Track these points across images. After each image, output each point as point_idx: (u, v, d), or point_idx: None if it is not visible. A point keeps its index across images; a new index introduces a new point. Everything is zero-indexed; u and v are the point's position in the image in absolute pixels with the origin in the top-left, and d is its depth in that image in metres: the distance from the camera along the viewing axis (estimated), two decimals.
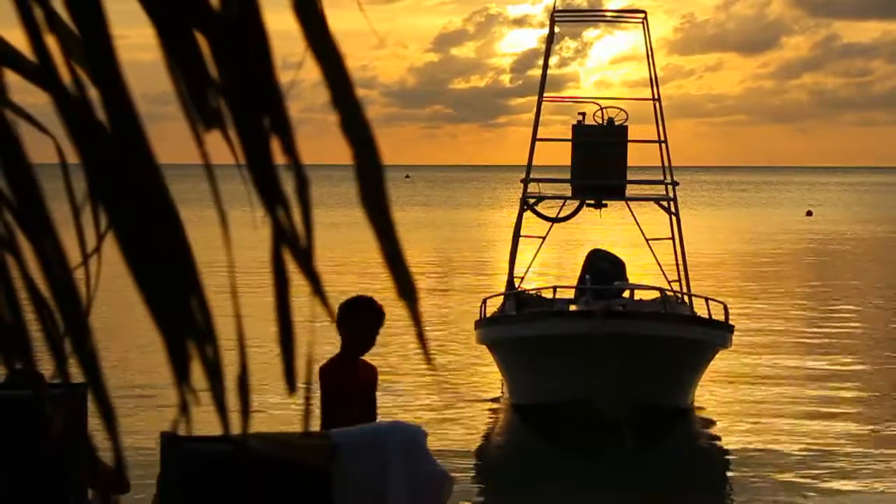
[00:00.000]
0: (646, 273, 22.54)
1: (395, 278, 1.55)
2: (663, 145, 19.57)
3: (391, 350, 22.36)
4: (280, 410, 15.92)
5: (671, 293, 18.28)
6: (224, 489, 7.36)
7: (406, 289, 1.55)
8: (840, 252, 51.38)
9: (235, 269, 1.64)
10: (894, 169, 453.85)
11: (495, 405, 18.19)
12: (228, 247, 1.59)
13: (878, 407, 18.28)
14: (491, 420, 17.38)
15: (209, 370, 1.53)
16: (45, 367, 1.66)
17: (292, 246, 1.53)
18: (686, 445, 16.28)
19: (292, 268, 1.55)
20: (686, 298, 18.68)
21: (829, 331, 26.31)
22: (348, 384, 8.74)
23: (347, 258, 40.00)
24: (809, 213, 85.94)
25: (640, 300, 18.70)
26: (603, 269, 18.59)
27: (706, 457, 15.92)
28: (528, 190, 19.48)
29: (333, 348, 8.72)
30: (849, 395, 19.15)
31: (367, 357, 8.87)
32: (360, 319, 8.66)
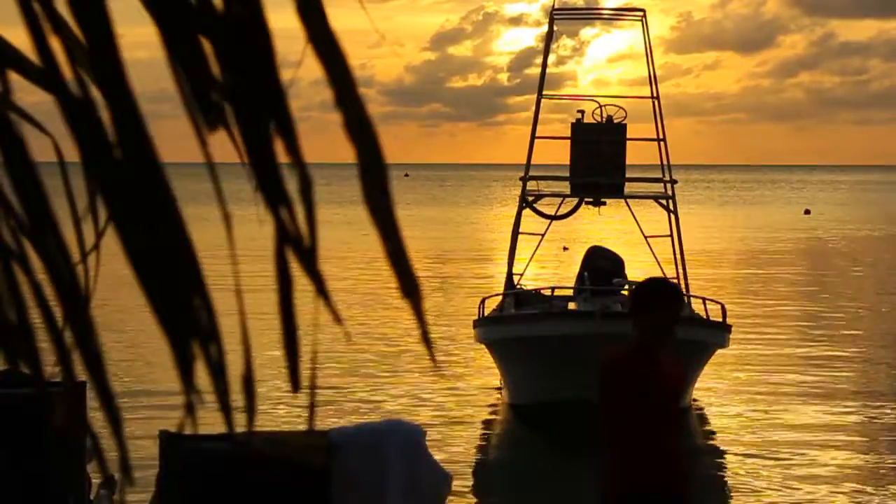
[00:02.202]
0: (644, 271, 22.52)
1: (398, 277, 1.55)
2: (662, 143, 19.56)
3: (390, 349, 22.37)
4: (284, 410, 15.92)
5: None
6: (223, 487, 7.36)
7: (409, 288, 1.55)
8: (838, 251, 51.37)
9: (238, 269, 1.64)
10: (891, 167, 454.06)
11: (494, 404, 18.19)
12: (233, 247, 1.58)
13: (878, 404, 18.28)
14: (490, 419, 17.38)
15: (213, 370, 1.53)
16: (49, 364, 1.66)
17: (296, 246, 1.53)
18: (684, 445, 16.26)
19: (296, 267, 1.55)
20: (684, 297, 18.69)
21: (826, 329, 26.31)
22: (635, 379, 7.30)
23: (338, 255, 40.02)
24: (807, 212, 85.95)
25: None
26: (602, 266, 18.58)
27: (704, 456, 15.91)
28: (528, 188, 19.48)
29: (334, 348, 8.46)
30: (848, 393, 19.15)
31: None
32: (650, 306, 7.35)
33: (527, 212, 19.43)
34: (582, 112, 19.52)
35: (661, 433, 7.34)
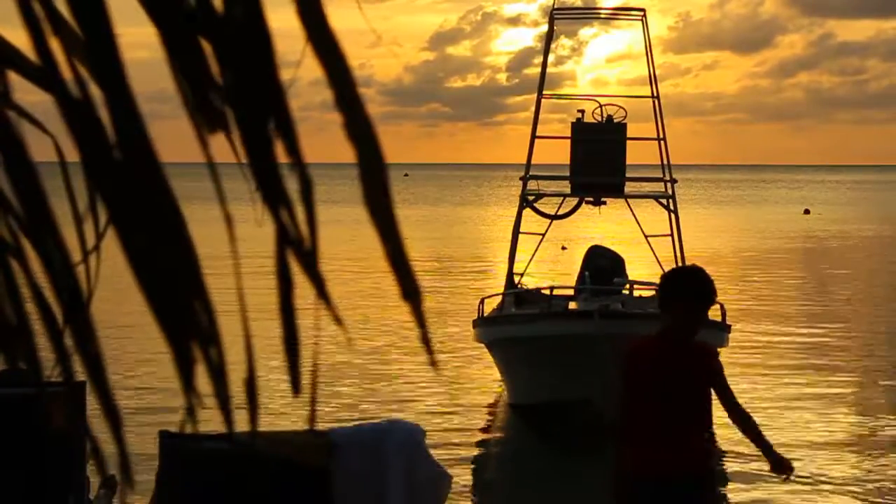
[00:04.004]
0: (645, 270, 22.53)
1: (398, 279, 1.55)
2: (662, 143, 19.55)
3: (390, 348, 22.36)
4: (284, 410, 15.91)
5: None
6: (223, 487, 7.36)
7: (410, 290, 1.55)
8: (838, 250, 51.37)
9: (239, 270, 1.63)
10: (890, 167, 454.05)
11: (493, 404, 18.19)
12: (235, 249, 1.58)
13: (876, 402, 18.29)
14: (489, 419, 17.37)
15: (213, 373, 1.52)
16: (48, 364, 1.65)
17: (296, 248, 1.53)
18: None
19: (297, 269, 1.54)
20: None
21: (825, 329, 26.30)
22: (654, 367, 7.13)
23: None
24: (807, 212, 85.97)
25: (640, 297, 18.70)
26: (602, 265, 18.59)
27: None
28: (528, 187, 19.49)
29: (335, 350, 8.40)
30: (846, 392, 19.15)
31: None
32: (677, 297, 7.14)
33: (527, 211, 19.44)
34: (582, 112, 19.51)
35: (681, 423, 7.25)
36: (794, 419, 17.18)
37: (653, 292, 17.71)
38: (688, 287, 7.20)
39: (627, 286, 18.26)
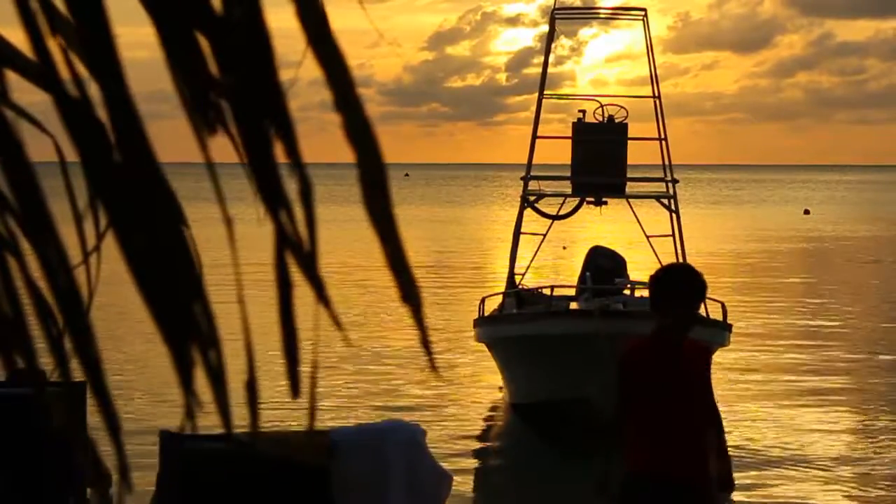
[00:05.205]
0: (647, 271, 22.52)
1: (398, 283, 1.54)
2: (663, 143, 19.54)
3: (390, 347, 22.37)
4: (284, 410, 15.91)
5: None
6: (223, 487, 7.35)
7: (410, 294, 1.54)
8: (838, 250, 51.37)
9: (239, 272, 1.62)
10: (889, 167, 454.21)
11: (494, 404, 18.18)
12: (234, 250, 1.57)
13: (875, 402, 18.29)
14: (489, 419, 17.37)
15: (212, 376, 1.51)
16: (47, 365, 1.65)
17: (295, 250, 1.52)
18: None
19: (296, 271, 1.53)
20: None
21: (826, 329, 26.30)
22: (650, 368, 7.13)
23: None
24: (807, 212, 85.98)
25: (641, 297, 18.67)
26: (603, 266, 18.57)
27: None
28: (529, 187, 19.47)
29: (335, 351, 8.38)
30: (846, 391, 19.15)
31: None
32: (669, 295, 7.15)
33: (528, 211, 19.42)
34: (583, 112, 19.49)
35: (678, 423, 7.23)
36: (793, 417, 17.18)
37: None
38: (679, 285, 7.20)
39: (628, 286, 18.24)
